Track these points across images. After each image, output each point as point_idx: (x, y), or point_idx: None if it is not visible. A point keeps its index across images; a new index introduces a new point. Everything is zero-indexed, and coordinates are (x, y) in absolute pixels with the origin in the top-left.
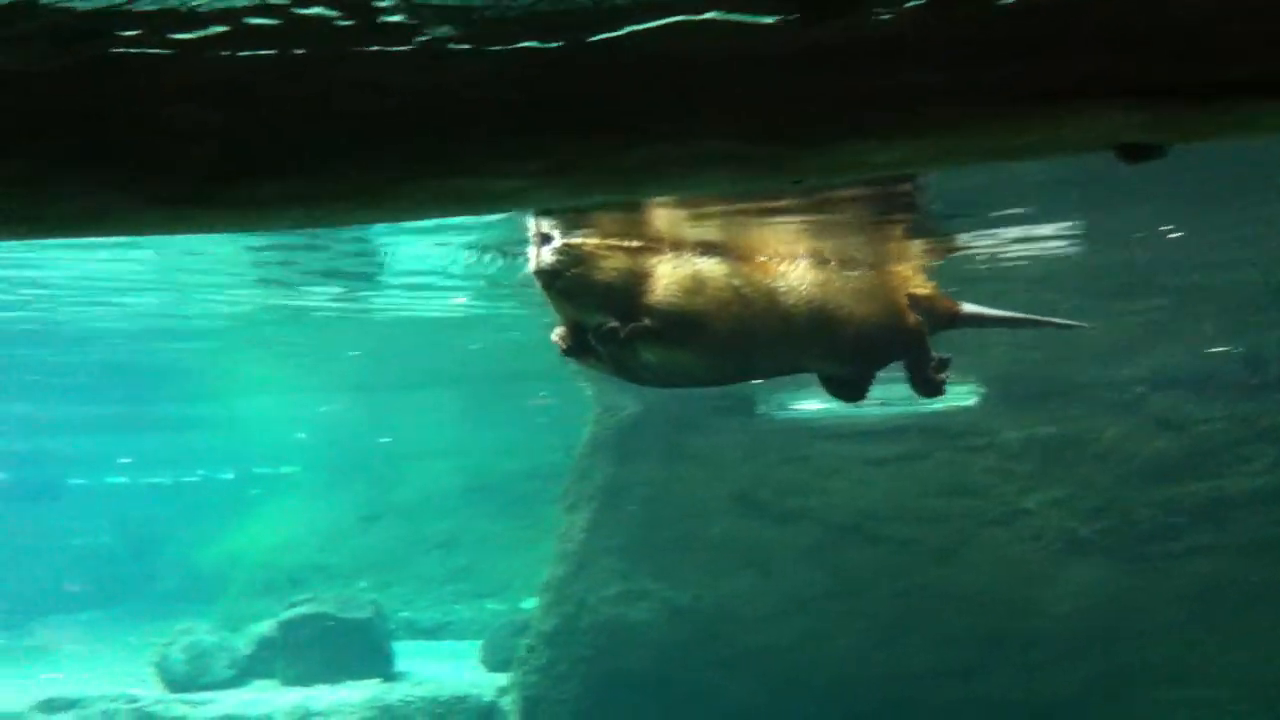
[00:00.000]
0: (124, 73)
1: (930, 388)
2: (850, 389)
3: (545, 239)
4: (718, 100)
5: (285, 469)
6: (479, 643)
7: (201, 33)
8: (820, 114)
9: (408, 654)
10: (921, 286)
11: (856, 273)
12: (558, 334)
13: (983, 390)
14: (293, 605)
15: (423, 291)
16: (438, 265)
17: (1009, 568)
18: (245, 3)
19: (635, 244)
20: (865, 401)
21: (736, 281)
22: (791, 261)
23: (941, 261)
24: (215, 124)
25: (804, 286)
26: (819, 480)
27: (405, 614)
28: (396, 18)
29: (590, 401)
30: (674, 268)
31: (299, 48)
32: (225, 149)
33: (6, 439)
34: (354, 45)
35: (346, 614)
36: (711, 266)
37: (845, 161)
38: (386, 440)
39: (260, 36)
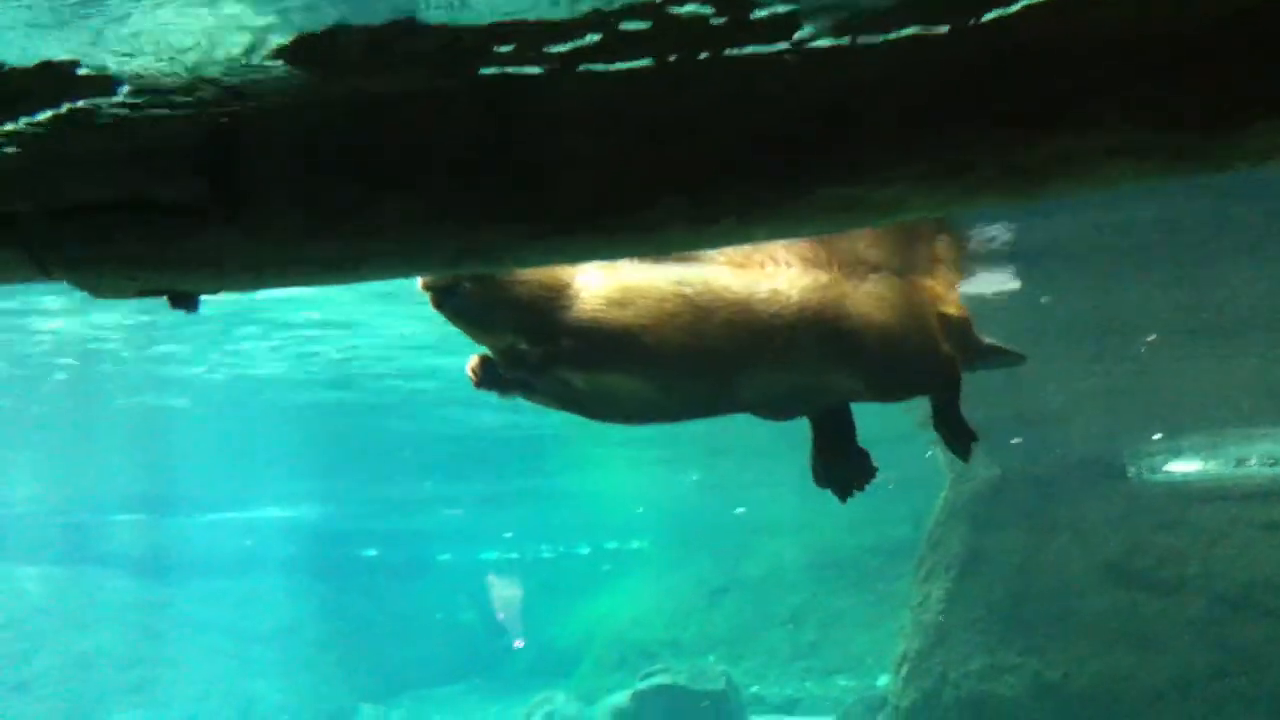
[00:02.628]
0: (504, 93)
1: (962, 436)
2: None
3: None
4: (1121, 85)
5: (635, 544)
6: (832, 719)
7: (577, 43)
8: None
9: None
10: (954, 306)
11: (873, 276)
12: (471, 364)
13: None
14: (646, 676)
15: None
16: None
17: None
18: (618, 5)
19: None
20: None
21: (689, 289)
22: (777, 263)
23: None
24: (595, 148)
25: (795, 292)
26: (1200, 548)
27: (755, 689)
28: (770, 11)
29: (941, 468)
30: (598, 279)
31: (672, 53)
32: (608, 173)
33: (376, 517)
34: (727, 46)
35: (699, 686)
36: (648, 274)
37: (1257, 148)
38: (741, 511)
39: (635, 44)
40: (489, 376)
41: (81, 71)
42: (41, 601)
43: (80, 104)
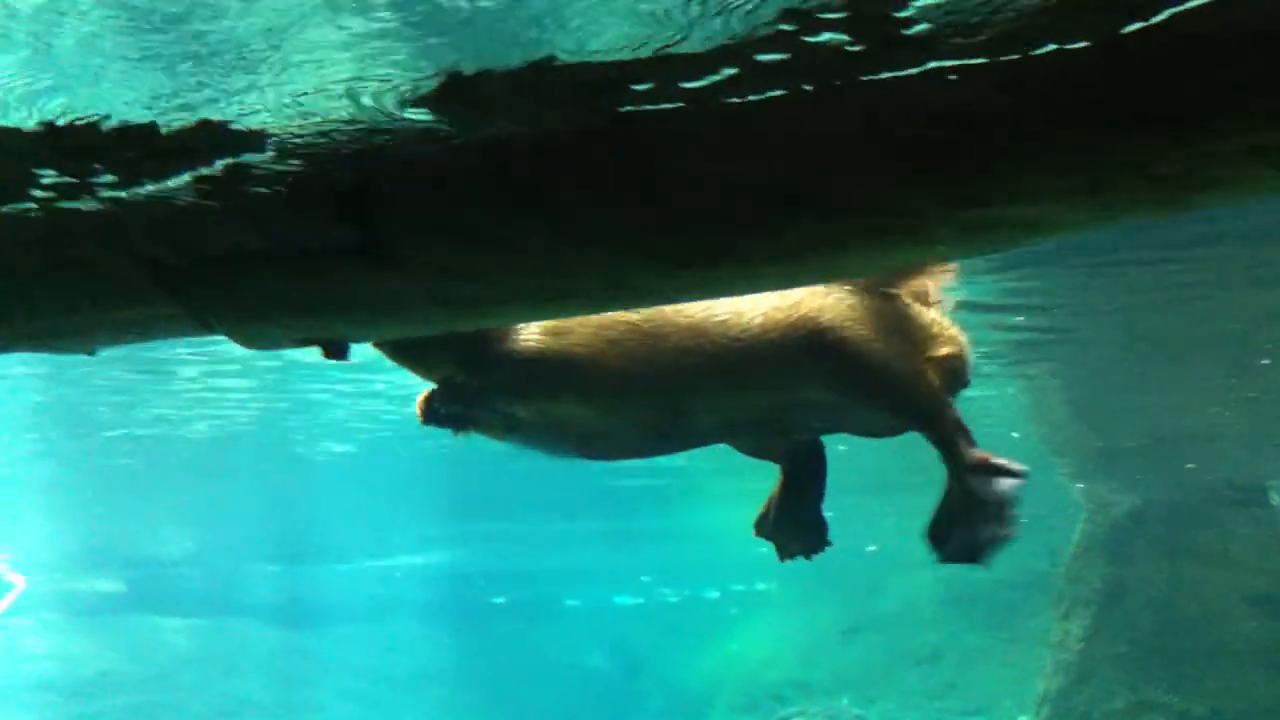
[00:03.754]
0: (643, 128)
1: (984, 480)
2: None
3: None
4: (1266, 82)
5: (760, 585)
6: None
7: (713, 77)
8: None
9: None
10: (945, 341)
11: (848, 289)
12: (419, 401)
13: None
14: None
15: None
16: None
17: None
18: (756, 36)
19: None
20: None
21: (636, 316)
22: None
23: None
24: (732, 175)
25: (758, 314)
26: None
27: None
28: (911, 30)
29: (1075, 500)
30: None
31: (809, 82)
32: (749, 200)
33: (505, 562)
34: (865, 71)
35: None
36: None
37: None
38: (872, 549)
39: (769, 74)
40: (433, 412)
41: (235, 128)
42: (188, 652)
43: (233, 159)
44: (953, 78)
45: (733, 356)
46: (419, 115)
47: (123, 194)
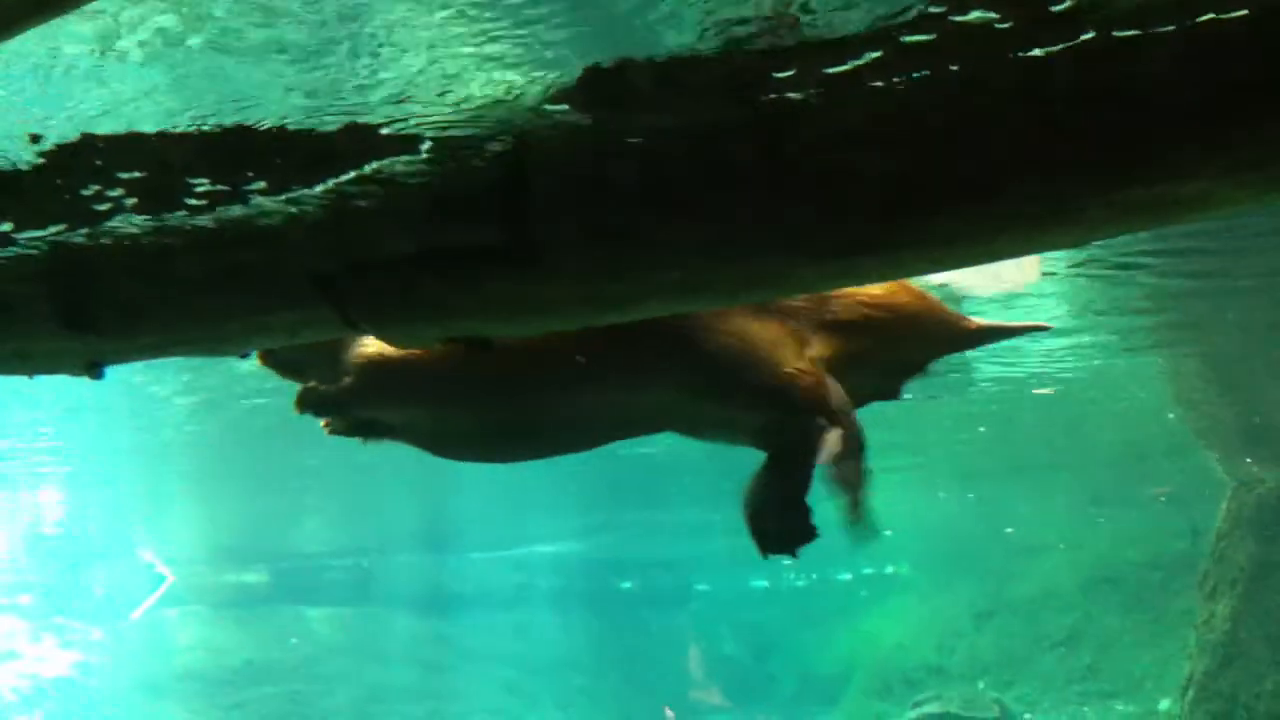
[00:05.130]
0: (787, 116)
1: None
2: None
3: None
4: None
5: (890, 568)
6: None
7: (856, 61)
8: None
9: None
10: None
11: None
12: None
13: None
14: (917, 705)
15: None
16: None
17: None
18: (901, 19)
19: None
20: None
21: None
22: None
23: None
24: (879, 163)
25: None
26: None
27: (1028, 716)
28: (1060, 6)
29: (1219, 478)
30: None
31: (955, 63)
32: (894, 187)
33: (638, 549)
34: (1012, 49)
35: (971, 714)
36: None
37: None
38: (1010, 531)
39: (917, 56)
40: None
41: (385, 132)
42: (333, 640)
43: (383, 162)
44: (1105, 54)
45: (578, 351)
46: (565, 113)
47: (277, 200)
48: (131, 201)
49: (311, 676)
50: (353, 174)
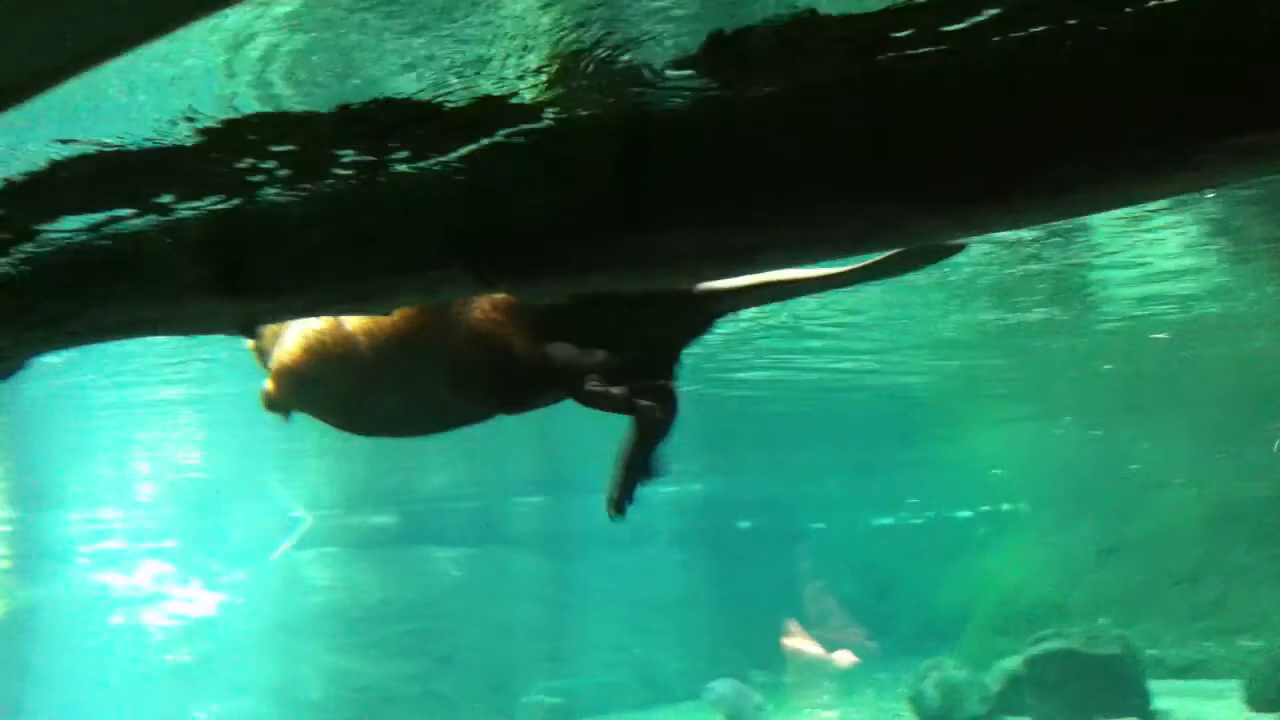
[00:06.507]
0: (902, 75)
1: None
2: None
3: None
4: None
5: (1007, 506)
6: (1238, 682)
7: (975, 19)
8: None
9: (1160, 693)
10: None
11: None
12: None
13: None
14: (1038, 641)
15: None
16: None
17: None
18: None
19: None
20: None
21: (326, 334)
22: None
23: None
24: (987, 118)
25: (389, 324)
26: None
27: (1152, 652)
28: None
29: None
30: (295, 324)
31: (1072, 17)
32: (1001, 142)
33: (757, 489)
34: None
35: (1094, 650)
36: (312, 323)
37: None
38: (1135, 467)
39: (1034, 10)
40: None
41: (513, 102)
42: (459, 580)
43: (513, 129)
44: (1223, 2)
45: (377, 360)
46: (686, 78)
47: (417, 168)
48: (284, 173)
49: (441, 613)
50: (485, 142)
